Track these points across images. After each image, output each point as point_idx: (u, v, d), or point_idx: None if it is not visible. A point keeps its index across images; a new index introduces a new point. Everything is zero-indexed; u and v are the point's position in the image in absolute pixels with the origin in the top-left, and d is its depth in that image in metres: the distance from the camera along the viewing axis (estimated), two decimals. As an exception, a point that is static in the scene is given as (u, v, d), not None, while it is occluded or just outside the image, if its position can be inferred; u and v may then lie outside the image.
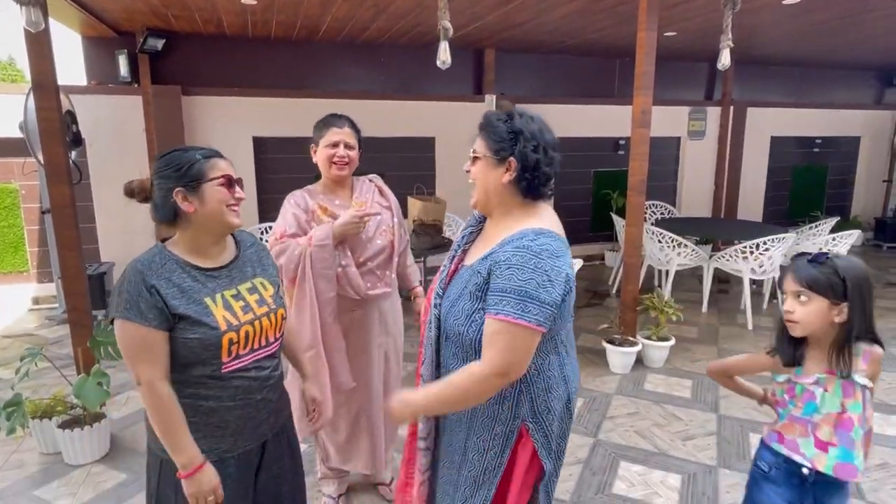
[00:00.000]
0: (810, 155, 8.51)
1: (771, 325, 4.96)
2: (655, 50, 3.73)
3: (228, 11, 4.62)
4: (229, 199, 1.44)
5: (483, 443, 1.42)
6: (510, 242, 1.34)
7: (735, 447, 3.01)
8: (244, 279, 1.52)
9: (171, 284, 1.38)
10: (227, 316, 1.42)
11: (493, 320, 1.30)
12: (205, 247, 1.47)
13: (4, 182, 5.34)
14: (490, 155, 1.40)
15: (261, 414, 1.51)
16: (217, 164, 1.45)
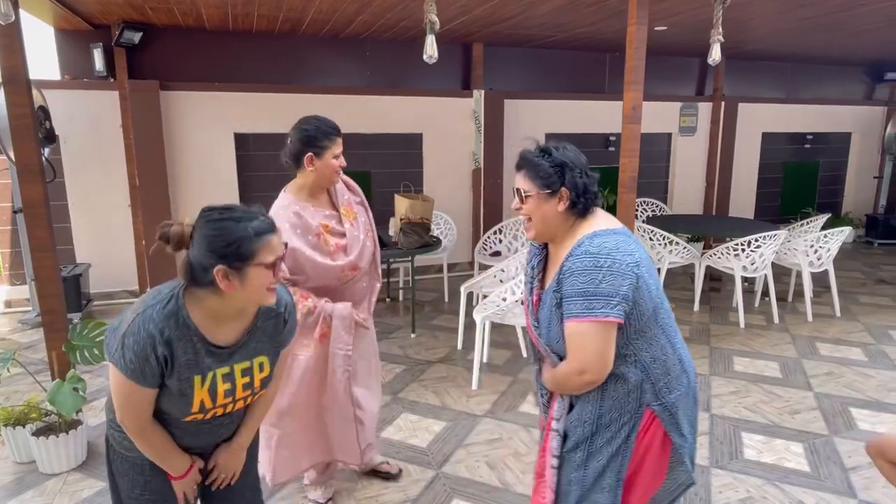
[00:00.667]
0: (801, 151, 8.62)
1: (763, 322, 5.03)
2: (646, 45, 3.75)
3: (208, 4, 4.58)
4: (272, 283, 1.35)
5: (610, 431, 1.54)
6: (571, 254, 1.50)
7: (728, 446, 3.04)
8: (245, 358, 1.45)
9: (175, 356, 1.34)
10: (204, 399, 1.40)
11: (567, 324, 1.48)
12: (226, 320, 1.40)
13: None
14: (541, 191, 1.53)
15: (213, 441, 1.59)
16: (270, 244, 1.33)
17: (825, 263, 5.16)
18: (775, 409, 3.46)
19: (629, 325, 1.49)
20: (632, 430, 1.54)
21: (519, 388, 3.73)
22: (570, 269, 1.47)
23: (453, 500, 2.60)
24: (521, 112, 6.87)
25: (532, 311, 1.64)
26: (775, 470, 2.83)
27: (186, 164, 5.75)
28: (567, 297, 1.47)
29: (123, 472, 1.52)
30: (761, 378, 3.90)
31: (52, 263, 2.84)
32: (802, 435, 3.16)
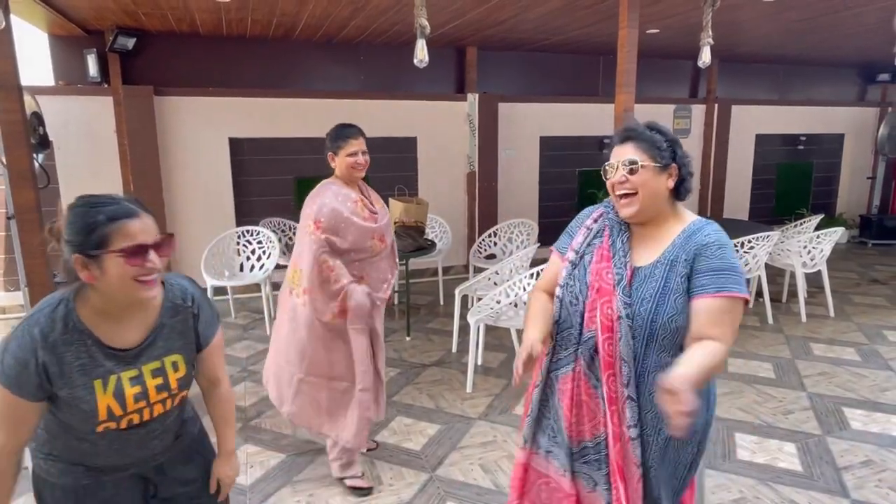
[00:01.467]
0: (795, 152, 8.67)
1: (757, 323, 5.05)
2: (637, 47, 3.78)
3: (201, 9, 4.59)
4: (138, 273, 1.23)
5: (682, 442, 1.50)
6: (703, 228, 1.50)
7: (720, 447, 3.05)
8: (153, 358, 1.35)
9: (63, 362, 1.24)
10: (111, 405, 1.28)
11: (718, 298, 1.41)
12: (120, 319, 1.31)
13: (-33, 187, 5.24)
14: (653, 163, 1.49)
15: (138, 453, 1.42)
16: (124, 230, 1.21)
17: (818, 264, 5.19)
18: (769, 410, 3.47)
19: None
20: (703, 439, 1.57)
21: (513, 391, 3.74)
22: (717, 242, 1.45)
23: (447, 503, 2.60)
24: (516, 115, 6.90)
25: (624, 289, 1.49)
26: (768, 470, 2.84)
27: (181, 170, 5.75)
28: (716, 270, 1.42)
29: (51, 500, 1.40)
30: (755, 379, 3.92)
31: (45, 270, 2.85)
32: (795, 435, 3.17)
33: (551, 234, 6.76)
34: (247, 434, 3.22)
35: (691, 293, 1.44)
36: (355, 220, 2.52)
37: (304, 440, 3.15)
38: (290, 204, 6.24)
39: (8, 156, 2.69)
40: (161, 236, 1.27)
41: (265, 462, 2.94)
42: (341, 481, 2.70)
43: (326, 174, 2.70)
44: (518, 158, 7.05)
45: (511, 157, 6.96)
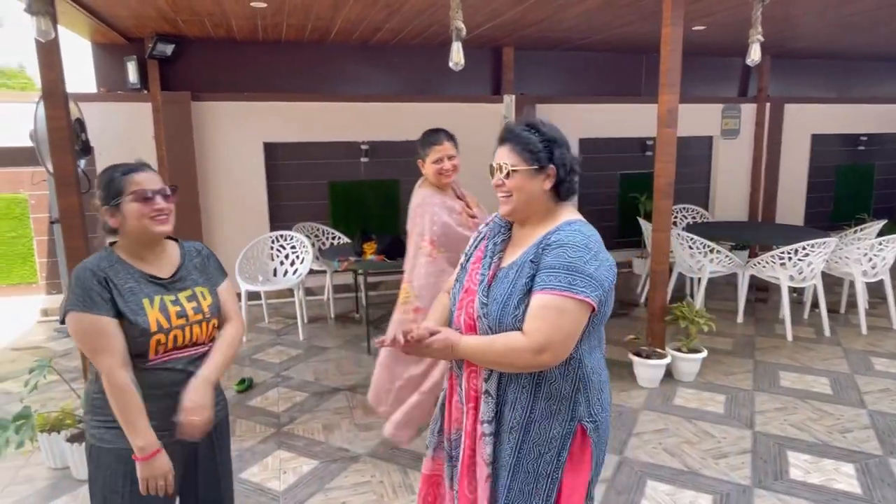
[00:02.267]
0: (855, 153, 8.36)
1: (813, 335, 4.89)
2: (682, 46, 3.74)
3: (238, 15, 4.76)
4: (148, 212, 1.59)
5: (538, 448, 1.46)
6: (560, 229, 1.46)
7: (772, 465, 2.97)
8: (185, 287, 1.69)
9: (117, 283, 1.57)
10: (160, 319, 1.59)
11: (540, 295, 1.39)
12: (141, 253, 1.65)
13: (13, 192, 5.54)
14: (526, 166, 1.48)
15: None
16: (133, 180, 1.60)
17: (881, 273, 4.99)
18: (824, 428, 3.36)
19: (590, 323, 1.43)
20: (563, 448, 1.46)
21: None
22: (558, 241, 1.42)
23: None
24: (554, 117, 6.82)
25: (483, 288, 1.52)
26: (823, 491, 2.75)
27: (217, 173, 5.94)
28: (548, 269, 1.39)
29: (105, 466, 1.60)
30: (810, 394, 3.80)
31: (87, 273, 2.99)
32: (854, 455, 3.06)
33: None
34: (280, 440, 3.30)
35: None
36: (464, 233, 2.63)
37: (336, 447, 3.21)
38: (324, 208, 6.37)
39: (54, 161, 2.85)
40: (164, 185, 1.64)
41: (298, 468, 3.00)
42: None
43: (361, 179, 2.80)
44: (556, 161, 7.02)
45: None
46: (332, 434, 3.36)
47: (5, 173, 5.49)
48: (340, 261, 4.54)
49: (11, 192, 5.53)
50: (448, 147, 2.73)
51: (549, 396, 1.45)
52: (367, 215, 6.51)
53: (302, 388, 4.00)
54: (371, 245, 4.65)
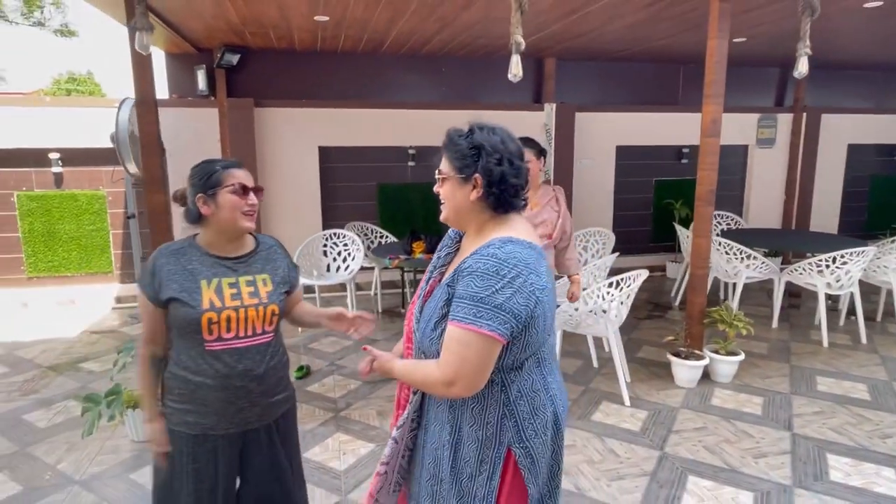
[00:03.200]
0: (891, 164, 8.08)
1: (849, 342, 4.77)
2: (726, 58, 3.70)
3: (301, 28, 4.89)
4: (242, 206, 1.65)
5: (469, 467, 1.37)
6: (478, 251, 1.32)
7: (811, 467, 2.93)
8: (248, 273, 1.73)
9: (178, 266, 1.65)
10: (213, 298, 1.64)
11: (450, 327, 1.29)
12: (221, 245, 1.71)
13: (93, 189, 5.81)
14: (455, 174, 1.37)
15: (240, 401, 1.68)
16: (233, 174, 1.66)
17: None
18: (864, 432, 3.28)
19: (509, 351, 1.31)
20: (493, 472, 1.36)
21: (592, 397, 3.74)
22: (469, 269, 1.29)
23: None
24: (593, 125, 6.85)
25: (421, 301, 1.46)
26: (864, 494, 2.70)
27: (275, 174, 6.11)
28: (458, 298, 1.29)
29: (171, 443, 1.71)
30: (848, 399, 3.71)
31: (170, 264, 3.14)
32: (894, 460, 2.99)
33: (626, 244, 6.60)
34: (338, 423, 3.40)
35: None
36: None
37: (390, 433, 3.28)
38: (373, 209, 6.49)
39: (144, 162, 2.99)
40: (255, 185, 1.70)
41: (356, 450, 3.09)
42: None
43: (408, 181, 2.87)
44: (593, 167, 7.00)
45: (588, 167, 6.92)
46: (386, 420, 3.44)
47: (87, 172, 5.76)
48: (391, 258, 4.63)
49: (92, 189, 5.80)
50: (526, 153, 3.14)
51: (473, 421, 1.36)
52: (413, 216, 6.61)
53: (355, 376, 4.10)
54: (420, 244, 4.72)
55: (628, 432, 3.30)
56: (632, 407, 3.60)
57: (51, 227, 5.75)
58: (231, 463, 1.73)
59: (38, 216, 5.70)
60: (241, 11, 4.30)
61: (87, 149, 5.69)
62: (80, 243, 5.84)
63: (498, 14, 4.38)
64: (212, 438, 1.69)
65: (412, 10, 4.28)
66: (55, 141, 5.66)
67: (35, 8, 11.15)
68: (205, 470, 1.69)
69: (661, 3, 4.12)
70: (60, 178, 5.71)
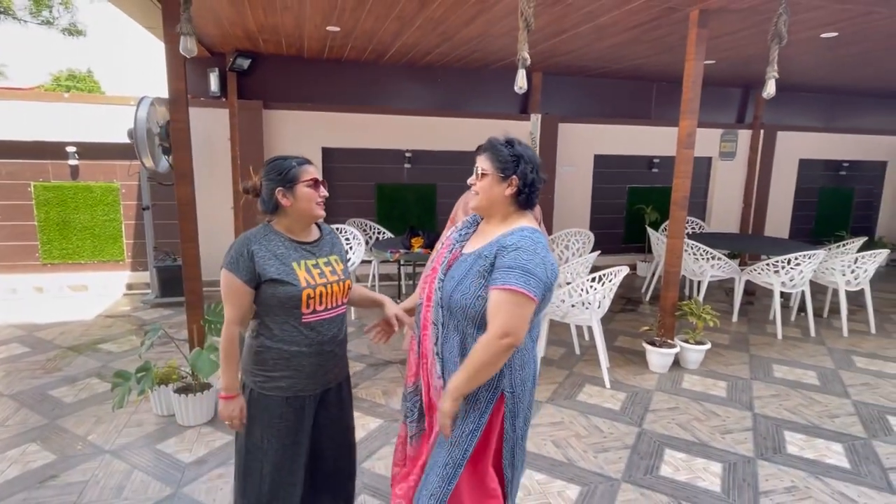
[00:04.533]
0: (837, 178, 8.43)
1: (799, 335, 5.00)
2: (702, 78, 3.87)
3: (312, 37, 4.93)
4: (316, 197, 1.78)
5: (465, 407, 1.60)
6: (514, 233, 1.57)
7: (771, 442, 3.10)
8: (322, 255, 1.85)
9: (269, 251, 1.74)
10: (307, 277, 1.76)
11: (499, 290, 1.50)
12: (296, 231, 1.82)
13: (108, 181, 5.75)
14: (495, 173, 1.63)
15: (328, 363, 1.85)
16: (307, 170, 1.78)
17: (862, 283, 5.09)
18: (815, 413, 3.48)
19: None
20: (486, 409, 1.60)
21: (575, 380, 3.87)
22: (514, 244, 1.54)
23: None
24: (574, 135, 7.01)
25: (444, 266, 1.68)
26: (817, 465, 2.88)
27: (281, 173, 6.11)
28: (508, 268, 1.51)
29: (264, 408, 1.80)
30: (800, 384, 3.92)
31: (196, 252, 3.17)
32: (842, 437, 3.18)
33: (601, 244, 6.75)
34: (347, 401, 3.47)
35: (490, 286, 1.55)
36: None
37: (396, 409, 3.37)
38: (371, 207, 6.54)
39: (175, 158, 3.02)
40: (322, 179, 1.83)
41: (366, 425, 3.17)
42: None
43: (404, 182, 2.90)
44: (574, 174, 7.16)
45: (570, 172, 7.08)
46: (391, 399, 3.52)
47: (102, 165, 5.70)
48: (392, 252, 4.71)
49: (106, 181, 5.74)
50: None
51: None
52: (408, 214, 6.68)
53: (359, 360, 4.17)
54: (418, 240, 4.80)
55: (610, 411, 3.44)
56: (612, 389, 3.75)
57: (66, 217, 5.68)
58: (312, 418, 1.87)
59: (54, 206, 5.62)
60: (259, 20, 4.33)
61: (103, 143, 5.63)
62: (93, 232, 5.77)
63: (496, 31, 4.49)
64: (300, 398, 1.81)
65: (418, 24, 4.35)
66: (73, 135, 5.59)
67: (43, 7, 10.88)
68: (292, 427, 1.81)
69: (644, 26, 4.27)
70: (76, 171, 5.63)
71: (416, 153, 6.57)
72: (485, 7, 3.86)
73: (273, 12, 4.12)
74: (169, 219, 5.86)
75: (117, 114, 5.64)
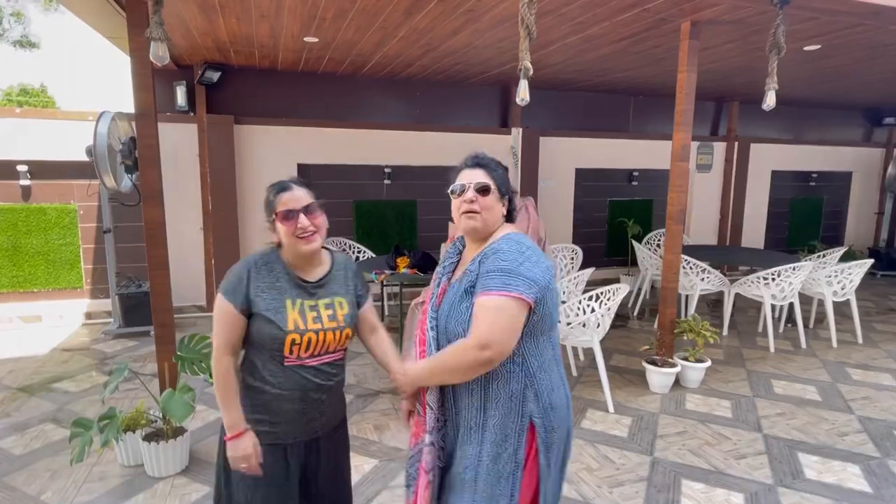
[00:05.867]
0: (807, 188, 8.61)
1: (790, 347, 4.95)
2: (695, 90, 3.79)
3: (288, 48, 4.67)
4: (292, 231, 1.53)
5: (496, 448, 1.41)
6: (499, 240, 1.47)
7: (787, 466, 2.97)
8: (325, 296, 1.62)
9: (266, 282, 1.55)
10: (297, 320, 1.55)
11: (480, 298, 1.38)
12: (297, 266, 1.61)
13: (63, 202, 5.32)
14: (496, 191, 1.53)
15: (313, 412, 1.61)
16: (281, 199, 1.54)
17: (848, 293, 5.10)
18: (824, 431, 3.37)
19: (531, 317, 1.39)
20: (519, 445, 1.41)
21: (577, 405, 3.68)
22: (494, 249, 1.43)
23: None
24: (555, 148, 6.92)
25: (433, 303, 1.54)
26: (839, 490, 2.75)
27: (254, 191, 5.80)
28: (486, 273, 1.39)
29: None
30: (803, 401, 3.82)
31: (167, 281, 2.85)
32: (856, 457, 3.07)
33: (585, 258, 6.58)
34: (336, 439, 3.17)
35: None
36: None
37: (390, 446, 3.10)
38: (349, 225, 6.27)
39: (143, 176, 2.72)
40: (308, 203, 1.54)
41: (360, 467, 2.89)
42: None
43: (383, 199, 2.78)
44: (555, 188, 7.06)
45: (550, 186, 6.97)
46: (384, 434, 3.25)
47: (57, 185, 5.27)
48: (377, 273, 4.45)
49: (62, 202, 5.30)
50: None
51: (498, 396, 1.41)
52: (388, 232, 6.43)
53: (347, 390, 3.88)
54: (404, 259, 4.56)
55: (618, 438, 3.25)
56: (616, 413, 3.57)
57: (16, 241, 5.20)
58: (299, 469, 1.65)
59: (3, 230, 5.14)
60: (232, 29, 4.06)
61: (58, 161, 5.20)
62: (47, 258, 5.31)
63: (481, 42, 4.34)
64: (281, 447, 1.60)
65: (401, 35, 4.16)
66: (24, 153, 5.15)
67: (-7, 19, 10.30)
68: (276, 477, 1.60)
69: (631, 38, 4.19)
70: (28, 191, 5.19)
71: (396, 168, 6.35)
72: (472, 17, 3.70)
73: (248, 22, 3.86)
74: (132, 242, 5.46)
75: (73, 130, 5.23)
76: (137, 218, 5.50)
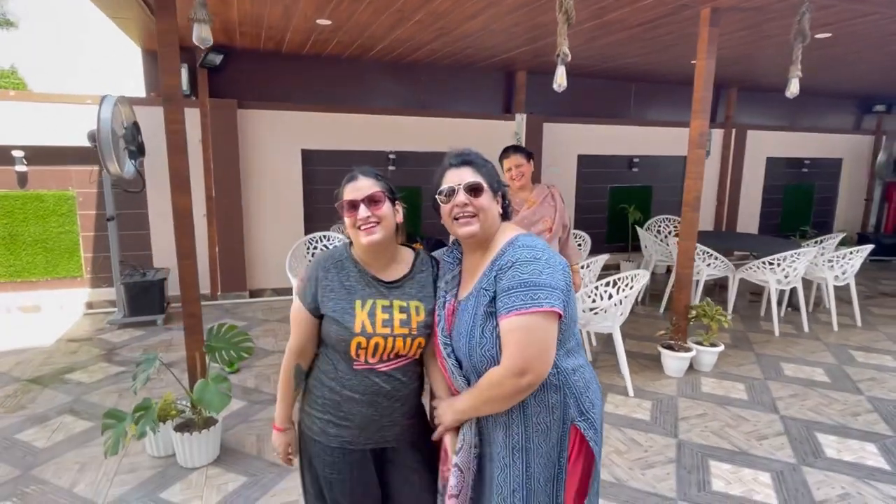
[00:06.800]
0: (799, 174, 8.77)
1: (793, 331, 5.08)
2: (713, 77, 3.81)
3: (298, 30, 4.57)
4: (353, 223, 1.46)
5: (541, 459, 1.35)
6: (508, 249, 1.37)
7: (807, 446, 3.06)
8: (402, 297, 1.51)
9: (337, 280, 1.49)
10: (365, 322, 1.46)
11: (505, 320, 1.28)
12: (367, 261, 1.52)
13: (62, 189, 5.16)
14: (489, 189, 1.44)
15: (383, 419, 1.53)
16: (345, 189, 1.49)
17: (848, 278, 5.24)
18: (837, 412, 3.48)
19: (560, 324, 1.32)
20: (561, 452, 1.35)
21: (597, 390, 3.73)
22: (509, 262, 1.32)
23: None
24: (558, 135, 6.92)
25: (443, 327, 1.44)
26: (860, 468, 2.85)
27: (258, 177, 5.71)
28: (507, 291, 1.29)
29: (315, 454, 1.57)
30: (813, 382, 3.94)
31: (194, 270, 2.80)
32: (871, 436, 3.18)
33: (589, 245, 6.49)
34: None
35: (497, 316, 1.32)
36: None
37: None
38: (354, 211, 6.21)
39: (171, 163, 2.64)
40: (368, 194, 1.46)
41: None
42: None
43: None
44: (559, 174, 7.08)
45: (556, 173, 6.98)
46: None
47: (55, 171, 5.11)
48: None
49: (60, 189, 5.15)
50: (515, 158, 3.20)
51: (540, 411, 1.34)
52: (393, 218, 6.39)
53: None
54: (418, 246, 4.54)
55: (641, 422, 3.31)
56: (636, 398, 3.63)
57: (13, 230, 5.05)
58: (366, 481, 1.57)
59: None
60: (244, 8, 3.95)
61: (56, 146, 5.04)
62: (45, 246, 5.16)
63: (498, 26, 4.29)
64: (348, 452, 1.54)
65: (418, 18, 4.10)
66: (19, 138, 4.97)
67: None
68: (344, 482, 1.56)
69: (647, 24, 4.19)
70: (24, 178, 5.02)
71: (401, 154, 6.29)
72: (494, 1, 3.65)
73: (262, 2, 3.75)
74: (134, 229, 5.34)
75: (71, 114, 5.06)
76: (138, 205, 5.38)
